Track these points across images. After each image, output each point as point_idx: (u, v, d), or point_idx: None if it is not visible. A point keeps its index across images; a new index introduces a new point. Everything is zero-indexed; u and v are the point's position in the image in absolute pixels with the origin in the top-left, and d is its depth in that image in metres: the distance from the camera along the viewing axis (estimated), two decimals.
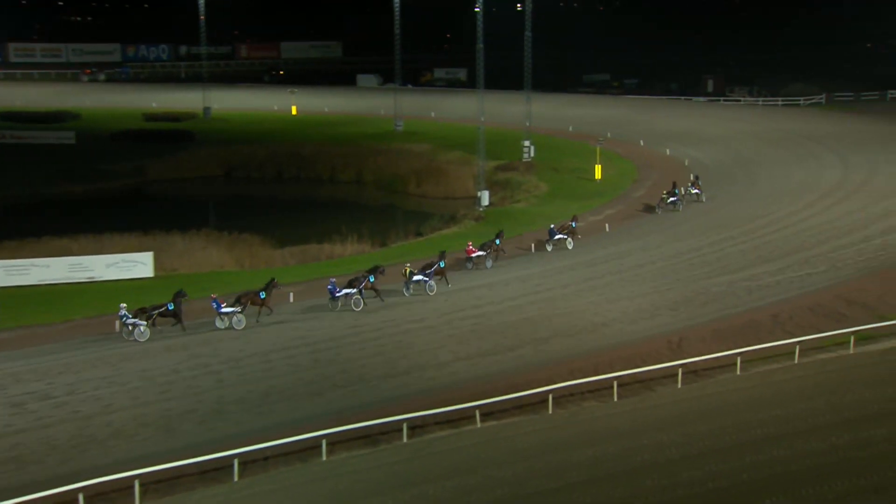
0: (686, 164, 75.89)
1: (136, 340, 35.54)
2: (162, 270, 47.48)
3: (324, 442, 26.23)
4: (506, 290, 41.71)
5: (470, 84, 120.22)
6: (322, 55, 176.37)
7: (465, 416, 28.38)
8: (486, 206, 63.95)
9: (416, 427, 27.75)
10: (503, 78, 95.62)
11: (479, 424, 28.19)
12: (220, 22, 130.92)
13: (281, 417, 28.33)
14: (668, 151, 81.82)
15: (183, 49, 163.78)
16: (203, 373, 32.13)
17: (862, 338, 34.46)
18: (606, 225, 55.70)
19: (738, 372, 32.02)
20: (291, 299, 41.09)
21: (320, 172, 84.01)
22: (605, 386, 30.38)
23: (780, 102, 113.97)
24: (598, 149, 72.88)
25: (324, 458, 26.05)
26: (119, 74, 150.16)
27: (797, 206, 58.46)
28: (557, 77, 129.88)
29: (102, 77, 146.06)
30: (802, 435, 25.96)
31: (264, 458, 25.82)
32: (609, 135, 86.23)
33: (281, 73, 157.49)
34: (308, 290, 42.67)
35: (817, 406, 28.06)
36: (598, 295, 40.39)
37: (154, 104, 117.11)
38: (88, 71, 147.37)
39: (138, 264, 46.20)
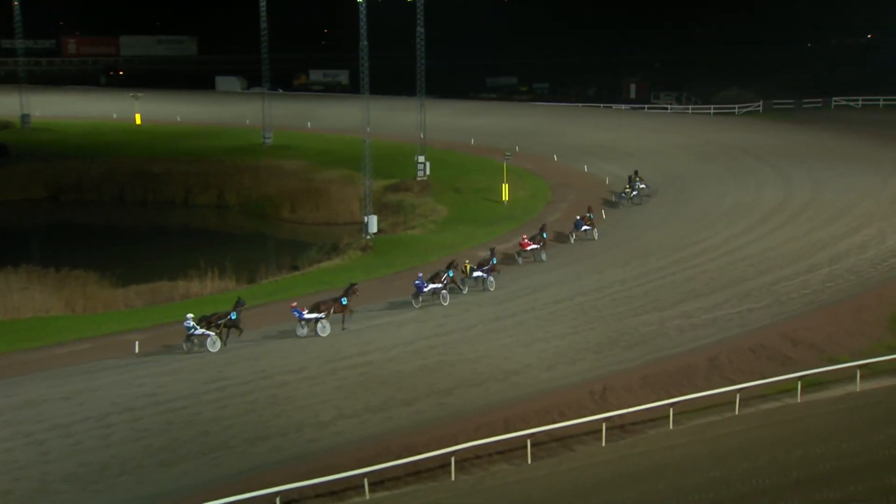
0: (607, 182, 77.38)
1: (207, 350, 39.57)
2: None
3: None
4: (399, 333, 41.73)
5: (353, 89, 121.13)
6: (172, 52, 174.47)
7: (352, 486, 28.12)
8: (375, 234, 64.06)
9: (292, 501, 27.37)
10: (393, 82, 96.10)
11: (367, 496, 27.94)
12: (41, 9, 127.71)
13: (123, 495, 27.60)
14: (585, 168, 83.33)
15: None
16: (23, 444, 30.90)
17: (810, 383, 35.24)
18: (515, 254, 56.14)
19: (671, 426, 32.47)
20: (137, 349, 40.33)
21: (172, 195, 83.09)
22: (518, 445, 30.44)
23: (711, 110, 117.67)
24: (504, 165, 73.69)
25: None
26: None
27: (734, 230, 59.78)
28: (457, 81, 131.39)
29: None
30: (746, 501, 26.31)
31: None
32: (517, 148, 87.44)
33: (120, 73, 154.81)
34: (158, 337, 41.87)
35: (761, 465, 28.33)
36: (508, 336, 40.69)
37: None
38: None
39: None
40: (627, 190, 70.43)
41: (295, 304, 42.65)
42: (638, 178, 71.80)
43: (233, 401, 34.11)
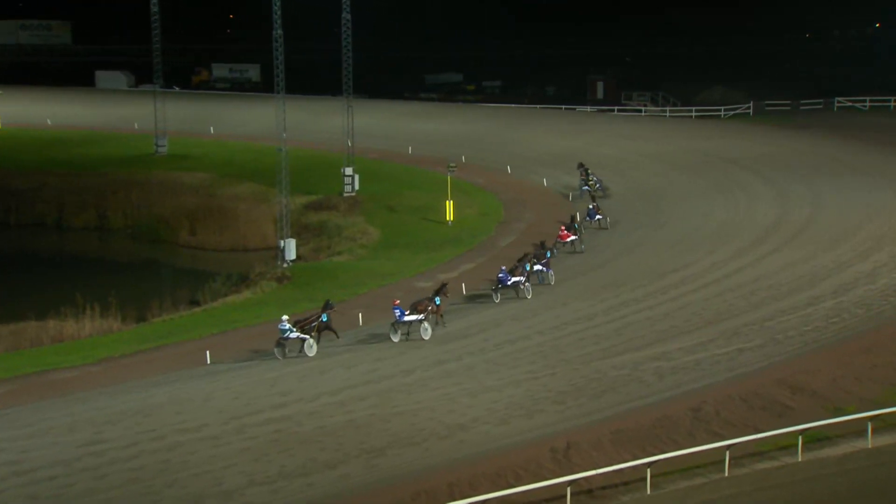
0: (570, 198, 78.12)
1: (305, 355, 44.17)
2: None
3: None
4: (322, 381, 41.62)
5: (266, 87, 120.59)
6: (41, 41, 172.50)
7: None
8: (293, 261, 64.15)
9: None
10: (314, 79, 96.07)
11: None
12: None
13: None
14: (544, 181, 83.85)
15: None
16: None
17: (813, 438, 35.23)
18: (463, 285, 56.31)
19: (649, 490, 32.24)
20: None
21: (42, 215, 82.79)
22: None
23: (693, 113, 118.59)
24: (449, 178, 73.75)
25: None
26: None
27: (721, 255, 60.20)
28: (391, 78, 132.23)
29: None
30: None
31: None
32: (464, 159, 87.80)
33: None
34: (23, 390, 41.33)
35: None
36: (454, 384, 40.63)
37: None
38: None
39: None
40: (592, 183, 76.96)
41: (398, 301, 47.28)
42: (592, 175, 78.17)
43: (113, 468, 33.48)
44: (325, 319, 45.90)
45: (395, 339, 46.74)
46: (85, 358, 47.13)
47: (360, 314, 51.45)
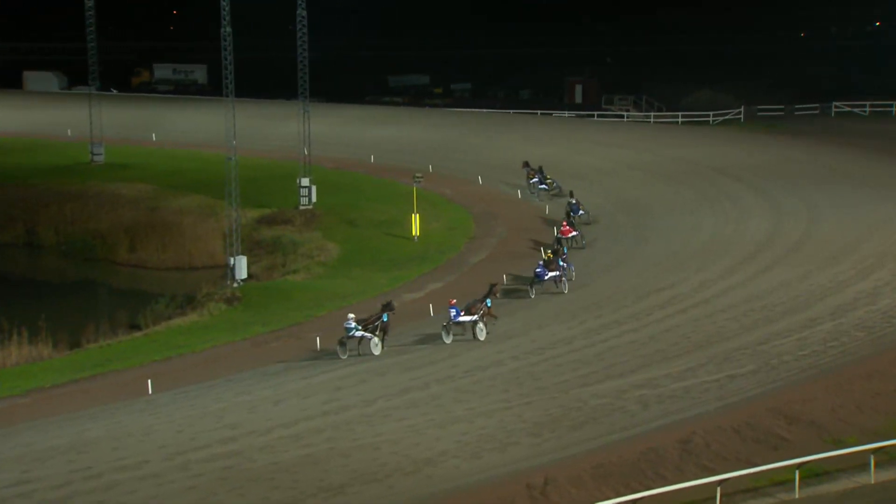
0: (546, 211, 78.31)
1: (370, 354, 47.60)
2: None
3: None
4: (276, 412, 41.40)
5: (213, 89, 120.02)
6: None
7: None
8: (244, 281, 64.18)
9: None
10: (267, 80, 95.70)
11: None
12: None
13: None
14: (518, 193, 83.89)
15: None
16: None
17: (811, 473, 35.12)
18: (430, 306, 56.46)
19: None
20: None
21: None
22: None
23: (679, 119, 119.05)
24: (414, 190, 73.82)
25: None
26: None
27: (709, 273, 60.50)
28: (352, 80, 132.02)
29: None
30: None
31: None
32: (431, 168, 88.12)
33: None
34: None
35: None
36: (420, 415, 40.53)
37: None
38: None
39: None
40: (550, 182, 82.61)
41: (454, 301, 50.11)
42: (548, 177, 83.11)
43: None
44: (385, 319, 48.57)
45: (448, 340, 49.36)
46: (11, 389, 46.77)
47: (318, 338, 51.31)
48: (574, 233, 68.17)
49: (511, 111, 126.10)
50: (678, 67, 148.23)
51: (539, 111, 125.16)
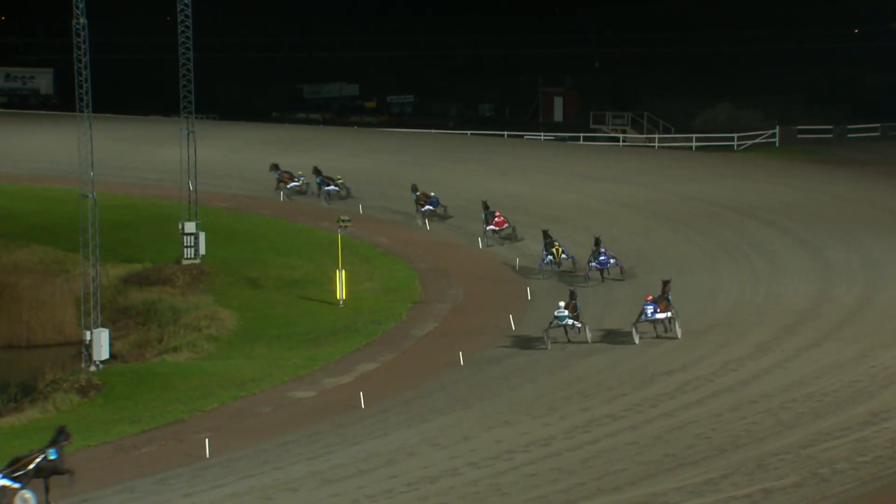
0: (517, 266, 72.58)
1: (585, 342, 53.72)
2: None
3: None
4: None
5: (63, 102, 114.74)
6: None
7: None
8: (106, 363, 60.22)
9: None
10: (137, 90, 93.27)
11: None
12: None
13: None
14: (479, 243, 78.41)
15: None
16: None
17: None
18: (361, 395, 51.62)
19: None
20: None
21: None
22: None
23: (693, 143, 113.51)
24: (339, 238, 69.19)
25: None
26: None
27: (734, 351, 54.16)
28: (253, 90, 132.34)
29: None
30: None
31: None
32: (361, 209, 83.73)
33: None
34: None
35: None
36: None
37: None
38: None
39: None
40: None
41: (651, 297, 53.93)
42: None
43: None
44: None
45: (637, 340, 53.77)
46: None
47: (207, 441, 45.74)
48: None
49: (468, 133, 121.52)
50: (689, 75, 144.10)
51: (505, 132, 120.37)
